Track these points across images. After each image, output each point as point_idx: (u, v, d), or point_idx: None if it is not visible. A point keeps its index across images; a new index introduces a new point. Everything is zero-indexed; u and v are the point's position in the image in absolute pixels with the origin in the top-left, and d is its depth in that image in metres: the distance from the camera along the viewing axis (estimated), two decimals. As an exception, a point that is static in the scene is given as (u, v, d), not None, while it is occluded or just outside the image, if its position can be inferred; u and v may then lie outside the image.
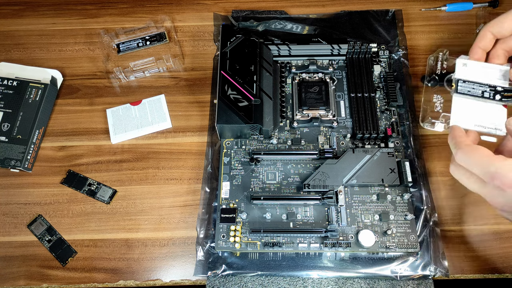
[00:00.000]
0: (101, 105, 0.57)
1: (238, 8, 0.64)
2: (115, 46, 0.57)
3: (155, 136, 0.55)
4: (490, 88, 0.41)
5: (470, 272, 0.46)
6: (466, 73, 0.42)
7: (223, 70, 0.51)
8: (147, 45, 0.57)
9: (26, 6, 0.65)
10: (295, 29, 0.60)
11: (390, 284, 0.45)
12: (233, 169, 0.50)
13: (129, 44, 0.56)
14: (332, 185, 0.47)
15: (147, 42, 0.57)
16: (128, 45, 0.56)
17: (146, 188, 0.52)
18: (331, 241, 0.45)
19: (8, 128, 0.54)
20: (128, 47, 0.56)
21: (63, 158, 0.54)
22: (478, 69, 0.42)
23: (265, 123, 0.49)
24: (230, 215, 0.47)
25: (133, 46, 0.56)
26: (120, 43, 0.57)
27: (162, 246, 0.49)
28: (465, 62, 0.42)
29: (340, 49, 0.55)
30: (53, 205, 0.51)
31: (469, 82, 0.42)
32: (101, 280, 0.47)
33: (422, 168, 0.50)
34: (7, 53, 0.61)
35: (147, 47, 0.57)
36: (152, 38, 0.57)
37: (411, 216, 0.46)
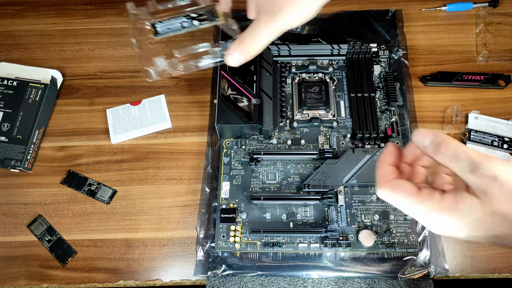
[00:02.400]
0: (101, 105, 0.57)
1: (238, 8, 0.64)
2: (149, 25, 0.43)
3: (155, 136, 0.55)
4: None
5: (470, 272, 0.46)
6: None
7: (223, 70, 0.51)
8: (194, 26, 0.43)
9: (26, 6, 0.65)
10: (295, 29, 0.60)
11: (390, 284, 0.45)
12: (233, 169, 0.50)
13: (170, 23, 0.42)
14: (332, 185, 0.47)
15: (194, 21, 0.43)
16: (169, 25, 0.42)
17: (146, 188, 0.52)
18: (331, 241, 0.45)
19: (8, 128, 0.54)
20: (170, 28, 0.42)
21: (63, 158, 0.54)
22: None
23: (265, 123, 0.49)
24: (230, 215, 0.47)
25: (176, 26, 0.42)
26: (157, 23, 0.42)
27: (162, 246, 0.49)
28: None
29: (340, 49, 0.55)
30: (53, 205, 0.51)
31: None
32: (101, 280, 0.47)
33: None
34: (7, 53, 0.61)
35: (194, 27, 0.43)
36: (200, 16, 0.43)
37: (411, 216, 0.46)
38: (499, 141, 0.51)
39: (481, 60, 0.57)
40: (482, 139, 0.51)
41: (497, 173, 0.25)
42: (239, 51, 0.37)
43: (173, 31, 0.40)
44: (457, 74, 0.55)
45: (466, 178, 0.26)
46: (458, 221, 0.27)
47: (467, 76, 0.55)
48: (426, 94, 0.55)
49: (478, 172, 0.26)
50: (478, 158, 0.26)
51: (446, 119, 0.53)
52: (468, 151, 0.26)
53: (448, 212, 0.27)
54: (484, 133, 0.51)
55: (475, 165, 0.26)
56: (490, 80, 0.55)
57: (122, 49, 0.61)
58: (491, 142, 0.51)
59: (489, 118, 0.52)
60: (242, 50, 0.38)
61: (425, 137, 0.29)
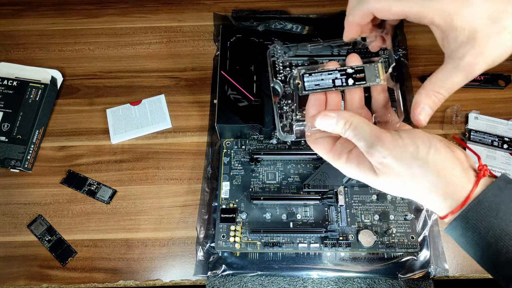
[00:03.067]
0: (101, 105, 0.57)
1: (238, 8, 0.64)
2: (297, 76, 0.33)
3: (155, 136, 0.55)
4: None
5: (470, 272, 0.46)
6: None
7: (223, 70, 0.51)
8: (347, 85, 0.32)
9: (26, 6, 0.65)
10: (295, 29, 0.60)
11: (390, 284, 0.45)
12: (233, 169, 0.50)
13: (320, 79, 0.32)
14: (332, 185, 0.47)
15: (349, 80, 0.32)
16: (318, 80, 0.32)
17: (146, 188, 0.52)
18: (331, 241, 0.45)
19: (8, 128, 0.54)
20: (318, 85, 0.32)
21: (63, 158, 0.54)
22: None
23: (265, 123, 0.49)
24: (230, 215, 0.47)
25: (326, 83, 0.32)
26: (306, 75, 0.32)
27: (162, 246, 0.49)
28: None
29: (340, 49, 0.55)
30: (53, 205, 0.51)
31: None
32: (101, 280, 0.47)
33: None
34: (7, 53, 0.61)
35: (346, 87, 0.32)
36: (357, 73, 0.32)
37: (411, 216, 0.46)
38: (499, 141, 0.51)
39: (481, 60, 0.57)
40: (482, 139, 0.51)
41: (385, 154, 0.28)
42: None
43: (321, 88, 0.33)
44: (457, 74, 0.55)
45: (365, 155, 0.30)
46: (361, 177, 0.31)
47: (467, 76, 0.55)
48: (426, 94, 0.55)
49: (371, 152, 0.29)
50: (371, 138, 0.29)
51: (446, 119, 0.53)
52: (366, 130, 0.29)
53: (351, 170, 0.32)
54: (484, 133, 0.51)
55: (369, 144, 0.29)
56: (490, 80, 0.55)
57: (122, 49, 0.61)
58: (491, 142, 0.51)
59: (489, 118, 0.52)
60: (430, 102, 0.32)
61: (329, 119, 0.31)
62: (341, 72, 0.33)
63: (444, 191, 0.29)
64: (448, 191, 0.29)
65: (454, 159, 0.29)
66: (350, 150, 0.32)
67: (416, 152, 0.28)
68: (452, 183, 0.29)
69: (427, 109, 0.32)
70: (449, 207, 0.29)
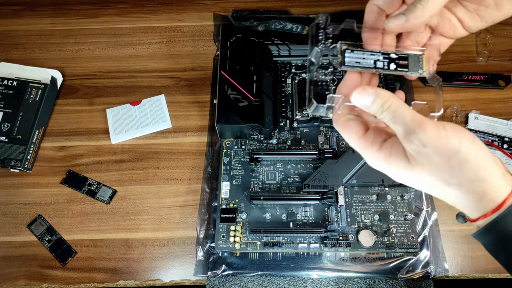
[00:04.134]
0: (101, 105, 0.57)
1: (238, 8, 0.64)
2: (337, 50, 0.33)
3: (155, 136, 0.55)
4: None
5: (470, 272, 0.46)
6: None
7: (223, 70, 0.51)
8: (388, 69, 0.32)
9: (25, 6, 0.65)
10: (295, 29, 0.60)
11: (390, 284, 0.45)
12: (233, 169, 0.50)
13: (362, 57, 0.32)
14: (332, 185, 0.47)
15: (391, 64, 0.32)
16: (360, 58, 0.32)
17: (146, 188, 0.52)
18: (331, 241, 0.45)
19: (8, 128, 0.54)
20: (359, 62, 0.32)
21: (63, 158, 0.54)
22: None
23: (265, 123, 0.49)
24: (230, 215, 0.47)
25: (367, 62, 0.32)
26: (348, 50, 0.32)
27: (162, 246, 0.49)
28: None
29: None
30: (53, 205, 0.51)
31: None
32: (101, 280, 0.47)
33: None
34: (7, 53, 0.61)
35: (387, 71, 0.32)
36: (401, 59, 0.32)
37: (411, 216, 0.46)
38: (499, 141, 0.51)
39: (481, 60, 0.57)
40: (482, 139, 0.51)
41: (426, 143, 0.27)
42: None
43: (361, 67, 0.32)
44: (457, 74, 0.55)
45: (401, 140, 0.28)
46: (389, 169, 0.30)
47: (467, 76, 0.55)
48: (426, 94, 0.55)
49: (410, 139, 0.27)
50: (412, 124, 0.27)
51: (446, 119, 0.53)
52: (406, 115, 0.27)
53: (381, 161, 0.30)
54: (484, 133, 0.51)
55: (409, 131, 0.27)
56: (490, 80, 0.55)
57: (122, 49, 0.61)
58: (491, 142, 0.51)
59: (489, 118, 0.52)
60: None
61: (367, 96, 0.29)
62: (384, 55, 0.32)
63: (481, 191, 0.27)
64: (485, 192, 0.27)
65: (494, 161, 0.28)
66: (384, 139, 0.30)
67: (458, 145, 0.27)
68: (491, 184, 0.27)
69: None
70: (483, 209, 0.28)
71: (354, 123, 0.31)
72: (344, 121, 0.31)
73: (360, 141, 0.31)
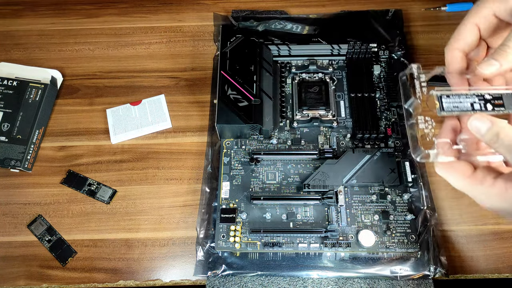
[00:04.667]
0: (101, 105, 0.57)
1: (238, 8, 0.64)
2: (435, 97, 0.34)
3: (155, 136, 0.55)
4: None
5: (470, 272, 0.46)
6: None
7: (223, 70, 0.51)
8: (485, 110, 0.32)
9: (25, 6, 0.65)
10: (295, 29, 0.60)
11: (390, 284, 0.45)
12: (233, 169, 0.50)
13: (459, 101, 0.32)
14: (332, 185, 0.47)
15: (488, 105, 0.32)
16: (457, 102, 0.32)
17: (146, 188, 0.52)
18: (331, 241, 0.45)
19: (8, 128, 0.54)
20: (457, 106, 0.32)
21: (63, 158, 0.54)
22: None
23: (265, 123, 0.49)
24: (230, 215, 0.47)
25: (464, 106, 0.32)
26: (444, 96, 0.33)
27: (162, 246, 0.49)
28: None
29: (340, 49, 0.55)
30: (53, 205, 0.51)
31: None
32: (101, 280, 0.47)
33: (422, 168, 0.50)
34: (7, 53, 0.61)
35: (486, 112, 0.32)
36: (496, 99, 0.32)
37: (411, 216, 0.46)
38: None
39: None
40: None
41: None
42: None
43: (459, 110, 0.32)
44: (457, 74, 0.55)
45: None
46: (503, 207, 0.28)
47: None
48: (426, 94, 0.55)
49: None
50: None
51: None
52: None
53: (495, 198, 0.28)
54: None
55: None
56: (490, 80, 0.55)
57: (122, 49, 0.61)
58: None
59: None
60: None
61: (482, 123, 0.29)
62: (479, 97, 0.33)
63: None
64: None
65: None
66: (495, 177, 0.29)
67: None
68: None
69: (495, 63, 0.31)
70: None
71: (459, 164, 0.31)
72: (448, 163, 0.31)
73: (468, 181, 0.30)
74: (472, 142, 0.33)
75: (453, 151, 0.32)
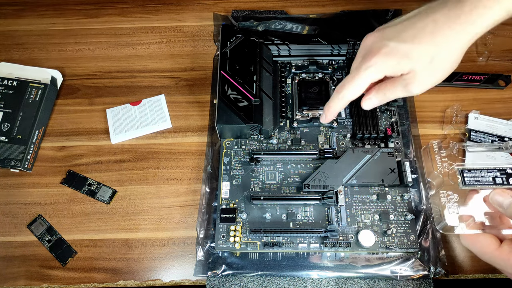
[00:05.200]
0: (101, 105, 0.57)
1: (238, 8, 0.64)
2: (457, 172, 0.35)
3: (155, 136, 0.55)
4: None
5: (470, 272, 0.46)
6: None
7: (223, 70, 0.51)
8: (508, 184, 0.33)
9: (25, 6, 0.65)
10: (295, 29, 0.60)
11: (390, 284, 0.45)
12: (233, 169, 0.50)
13: (480, 175, 0.33)
14: (332, 185, 0.47)
15: (510, 179, 0.33)
16: (479, 176, 0.34)
17: (146, 188, 0.52)
18: (331, 241, 0.45)
19: (8, 128, 0.54)
20: (479, 181, 0.34)
21: (63, 158, 0.54)
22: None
23: (265, 123, 0.49)
24: (230, 215, 0.47)
25: (486, 180, 0.33)
26: (466, 171, 0.34)
27: (162, 246, 0.49)
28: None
29: (340, 49, 0.55)
30: (53, 205, 0.51)
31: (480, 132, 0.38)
32: (101, 280, 0.47)
33: (422, 168, 0.50)
34: (7, 53, 0.61)
35: (507, 186, 0.33)
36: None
37: (411, 216, 0.46)
38: (499, 141, 0.51)
39: (481, 60, 0.57)
40: (482, 139, 0.51)
41: None
42: None
43: (481, 184, 0.34)
44: (457, 74, 0.55)
45: None
46: None
47: (467, 76, 0.55)
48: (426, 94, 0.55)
49: None
50: None
51: (446, 119, 0.53)
52: None
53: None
54: (484, 133, 0.51)
55: None
56: (490, 80, 0.55)
57: (122, 49, 0.61)
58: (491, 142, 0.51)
59: (489, 118, 0.52)
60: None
61: (504, 199, 0.30)
62: (500, 172, 0.34)
63: None
64: None
65: None
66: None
67: None
68: None
69: (375, 100, 0.40)
70: None
71: (484, 237, 0.32)
72: (473, 236, 0.32)
73: (495, 254, 0.31)
74: (495, 215, 0.34)
75: (477, 224, 0.32)
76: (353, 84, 0.38)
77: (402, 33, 0.37)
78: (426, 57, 0.36)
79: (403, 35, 0.36)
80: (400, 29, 0.37)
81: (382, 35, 0.38)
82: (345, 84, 0.39)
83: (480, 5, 0.33)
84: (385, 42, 0.37)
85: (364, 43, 0.40)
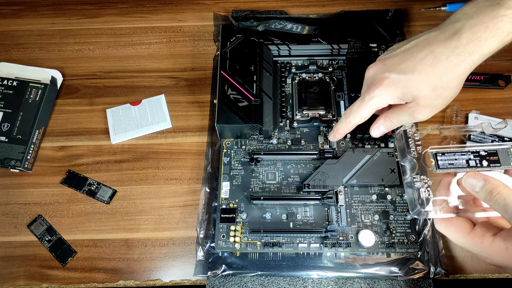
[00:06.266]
0: (101, 105, 0.57)
1: (238, 8, 0.64)
2: (431, 155, 0.35)
3: (155, 136, 0.55)
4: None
5: (470, 272, 0.46)
6: None
7: (223, 70, 0.51)
8: (481, 166, 0.33)
9: (25, 6, 0.65)
10: (295, 29, 0.60)
11: (390, 284, 0.45)
12: (233, 169, 0.50)
13: (454, 158, 0.34)
14: (332, 185, 0.47)
15: (483, 161, 0.33)
16: (452, 160, 0.34)
17: (146, 188, 0.52)
18: (331, 241, 0.45)
19: (8, 128, 0.54)
20: (452, 164, 0.33)
21: (63, 158, 0.54)
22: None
23: (265, 123, 0.49)
24: (230, 215, 0.47)
25: (459, 163, 0.34)
26: (439, 154, 0.34)
27: (162, 246, 0.49)
28: None
29: (340, 49, 0.55)
30: (53, 205, 0.51)
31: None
32: (101, 280, 0.47)
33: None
34: (7, 53, 0.61)
35: (480, 169, 0.33)
36: (491, 155, 0.33)
37: (411, 216, 0.46)
38: (499, 141, 0.51)
39: (481, 60, 0.57)
40: (482, 139, 0.51)
41: None
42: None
43: (455, 167, 0.34)
44: (457, 74, 0.55)
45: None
46: (505, 265, 0.29)
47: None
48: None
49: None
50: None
51: (446, 119, 0.53)
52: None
53: (496, 256, 0.29)
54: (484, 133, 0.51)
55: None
56: (490, 80, 0.55)
57: (122, 49, 0.61)
58: (491, 142, 0.51)
59: (489, 118, 0.52)
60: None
61: (476, 181, 0.30)
62: (474, 154, 0.34)
63: None
64: None
65: None
66: (494, 233, 0.30)
67: None
68: None
69: (383, 128, 0.43)
70: None
71: (457, 220, 0.32)
72: (447, 220, 0.32)
73: (468, 238, 0.31)
74: (469, 198, 0.34)
75: (451, 207, 0.32)
76: (359, 111, 0.41)
77: (402, 64, 0.38)
78: (428, 87, 0.37)
79: (403, 66, 0.38)
80: (400, 60, 0.39)
81: (384, 66, 0.40)
82: (352, 110, 0.42)
83: (476, 38, 0.35)
84: (387, 74, 0.39)
85: (368, 73, 0.42)
